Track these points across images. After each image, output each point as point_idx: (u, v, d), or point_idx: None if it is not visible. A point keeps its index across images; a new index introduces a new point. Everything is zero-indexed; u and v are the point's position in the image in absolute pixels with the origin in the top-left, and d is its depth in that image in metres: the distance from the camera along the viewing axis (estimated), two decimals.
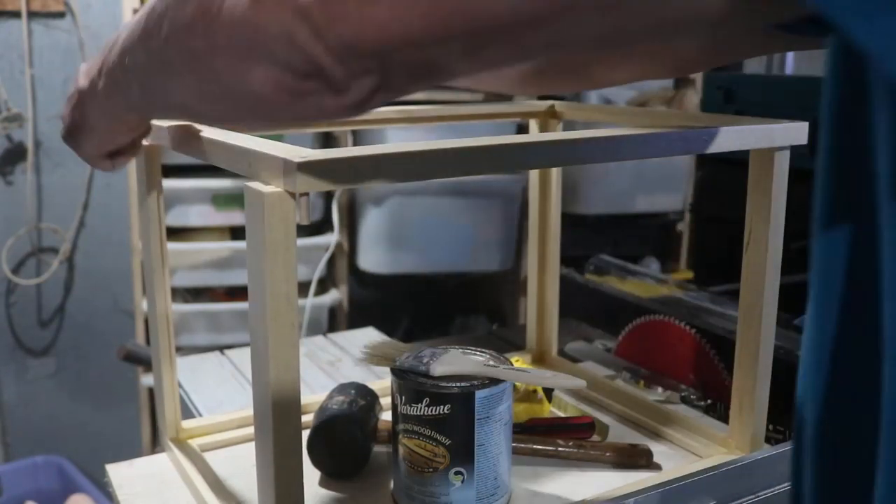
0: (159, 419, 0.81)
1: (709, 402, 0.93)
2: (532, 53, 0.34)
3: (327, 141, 2.06)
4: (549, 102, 0.91)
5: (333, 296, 2.12)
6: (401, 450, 0.68)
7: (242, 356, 1.16)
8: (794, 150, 0.70)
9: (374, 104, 0.36)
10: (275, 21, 0.33)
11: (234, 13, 0.35)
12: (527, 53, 0.34)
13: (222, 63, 0.37)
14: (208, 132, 0.62)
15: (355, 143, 2.04)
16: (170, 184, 1.87)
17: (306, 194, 0.51)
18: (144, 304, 1.91)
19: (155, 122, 0.70)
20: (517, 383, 0.80)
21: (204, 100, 0.41)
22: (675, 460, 0.78)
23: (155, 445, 2.10)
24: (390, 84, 0.35)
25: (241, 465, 0.76)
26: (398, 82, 0.35)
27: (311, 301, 2.04)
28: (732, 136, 0.66)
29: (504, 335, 1.25)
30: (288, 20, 0.33)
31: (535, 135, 0.64)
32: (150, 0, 0.42)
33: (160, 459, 0.79)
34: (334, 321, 2.18)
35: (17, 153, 2.02)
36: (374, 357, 0.72)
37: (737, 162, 0.74)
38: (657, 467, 0.77)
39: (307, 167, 0.49)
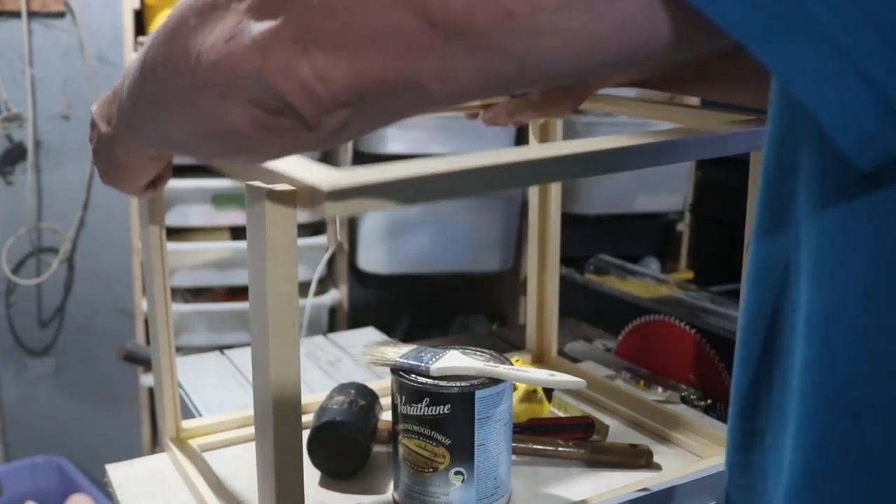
0: (159, 419, 0.81)
1: (709, 402, 0.93)
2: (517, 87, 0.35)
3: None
4: None
5: (333, 296, 2.12)
6: (401, 450, 0.68)
7: (242, 356, 1.15)
8: None
9: (350, 136, 0.38)
10: (245, 62, 0.36)
11: (211, 56, 0.37)
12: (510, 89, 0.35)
13: (204, 102, 0.39)
14: None
15: (355, 147, 2.04)
16: (170, 184, 1.86)
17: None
18: (144, 304, 1.91)
19: None
20: (517, 383, 0.80)
21: (195, 137, 0.43)
22: (675, 460, 0.78)
23: (155, 445, 2.10)
24: (365, 117, 0.36)
25: (241, 465, 0.76)
26: (374, 116, 0.36)
27: (311, 301, 2.04)
28: (736, 140, 0.66)
29: (504, 335, 1.25)
30: (258, 61, 0.35)
31: (556, 146, 0.60)
32: (147, 42, 0.45)
33: (160, 459, 0.79)
34: (334, 321, 2.18)
35: (17, 153, 2.02)
36: (374, 357, 0.72)
37: (737, 162, 0.74)
38: (657, 467, 0.77)
39: (336, 195, 0.44)
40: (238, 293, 2.08)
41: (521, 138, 2.03)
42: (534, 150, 0.52)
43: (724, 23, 0.28)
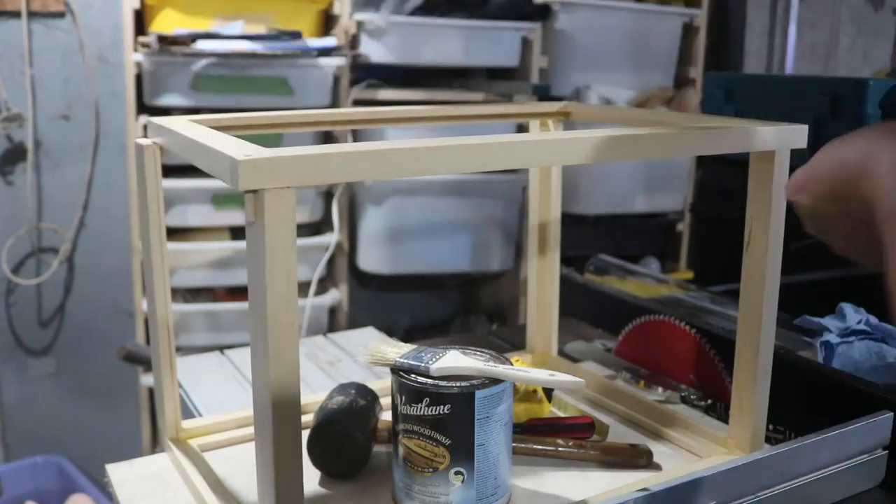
0: (159, 419, 0.81)
1: (709, 402, 0.93)
2: None
3: (327, 140, 2.07)
4: (561, 104, 0.91)
5: (333, 296, 2.12)
6: (401, 450, 0.68)
7: (242, 356, 1.15)
8: (795, 150, 0.70)
9: None
10: None
11: None
12: None
13: None
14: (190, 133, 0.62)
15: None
16: (170, 184, 1.87)
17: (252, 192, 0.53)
18: (144, 304, 1.91)
19: (154, 121, 0.71)
20: (517, 383, 0.80)
21: None
22: (675, 460, 0.78)
23: (155, 445, 2.10)
24: None
25: (241, 465, 0.76)
26: None
27: (311, 301, 2.04)
28: (733, 139, 0.66)
29: (504, 335, 1.25)
30: None
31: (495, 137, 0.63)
32: None
33: (160, 459, 0.79)
34: (334, 321, 2.18)
35: (17, 153, 2.02)
36: (374, 357, 0.72)
37: (737, 162, 0.74)
38: (657, 467, 0.77)
39: (251, 164, 0.51)
40: (238, 293, 2.08)
41: None
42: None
43: None
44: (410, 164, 0.55)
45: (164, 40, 1.80)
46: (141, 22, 1.95)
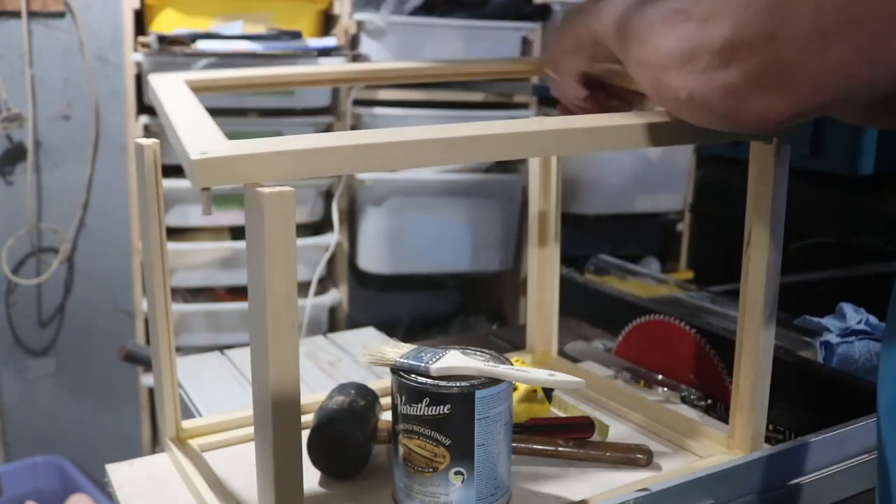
0: (159, 419, 0.81)
1: (709, 402, 0.93)
2: None
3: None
4: None
5: (333, 296, 2.12)
6: (401, 450, 0.68)
7: (242, 356, 1.15)
8: (795, 150, 0.70)
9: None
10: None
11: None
12: None
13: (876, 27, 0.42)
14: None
15: None
16: (170, 184, 1.87)
17: (207, 189, 0.52)
18: (144, 304, 1.91)
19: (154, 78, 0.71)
20: (517, 383, 0.80)
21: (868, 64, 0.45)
22: (675, 460, 0.78)
23: (155, 445, 2.10)
24: None
25: (241, 465, 0.76)
26: None
27: (311, 301, 2.04)
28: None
29: (504, 335, 1.25)
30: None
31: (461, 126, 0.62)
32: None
33: (160, 459, 0.79)
34: (334, 321, 2.18)
35: (17, 153, 2.02)
36: (374, 357, 0.72)
37: (737, 162, 0.74)
38: (657, 467, 0.77)
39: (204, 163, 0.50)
40: (238, 293, 2.08)
41: None
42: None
43: None
44: (386, 157, 0.54)
45: (164, 40, 1.80)
46: (141, 22, 1.95)
